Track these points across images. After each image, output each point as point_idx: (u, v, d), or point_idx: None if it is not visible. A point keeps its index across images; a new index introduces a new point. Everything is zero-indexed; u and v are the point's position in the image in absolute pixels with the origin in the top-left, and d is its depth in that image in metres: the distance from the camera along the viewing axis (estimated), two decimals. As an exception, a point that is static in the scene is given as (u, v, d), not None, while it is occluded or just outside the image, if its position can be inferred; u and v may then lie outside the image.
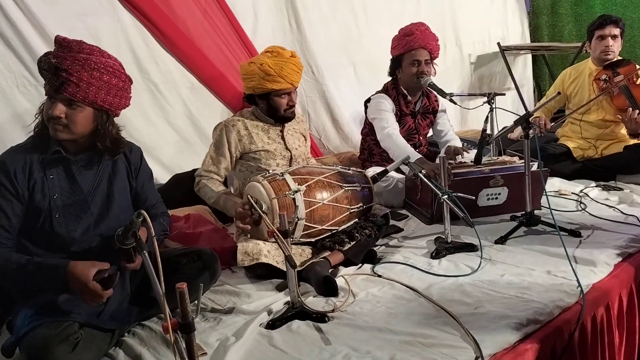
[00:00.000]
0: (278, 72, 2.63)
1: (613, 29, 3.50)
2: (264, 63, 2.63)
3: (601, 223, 2.73)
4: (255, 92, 2.71)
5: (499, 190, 2.86)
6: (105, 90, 1.84)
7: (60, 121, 1.80)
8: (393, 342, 1.80)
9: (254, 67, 2.66)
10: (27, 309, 1.80)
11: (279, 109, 2.72)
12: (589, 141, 3.65)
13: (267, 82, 2.64)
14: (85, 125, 1.85)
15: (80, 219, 1.89)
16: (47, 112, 1.81)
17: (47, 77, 1.79)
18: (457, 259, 2.44)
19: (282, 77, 2.64)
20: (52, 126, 1.81)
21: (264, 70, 2.62)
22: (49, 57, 1.79)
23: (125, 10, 3.08)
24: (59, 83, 1.77)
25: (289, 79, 2.67)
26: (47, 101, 1.83)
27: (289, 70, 2.66)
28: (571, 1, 5.57)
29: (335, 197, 2.45)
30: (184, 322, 1.35)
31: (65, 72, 1.77)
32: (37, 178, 1.83)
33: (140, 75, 3.17)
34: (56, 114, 1.78)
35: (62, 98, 1.79)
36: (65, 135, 1.83)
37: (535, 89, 5.86)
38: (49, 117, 1.80)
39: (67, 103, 1.80)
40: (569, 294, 2.02)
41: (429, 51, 3.31)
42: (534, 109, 2.89)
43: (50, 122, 1.81)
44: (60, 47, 1.82)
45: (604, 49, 3.52)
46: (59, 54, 1.79)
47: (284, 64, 2.65)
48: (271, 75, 2.62)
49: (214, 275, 2.18)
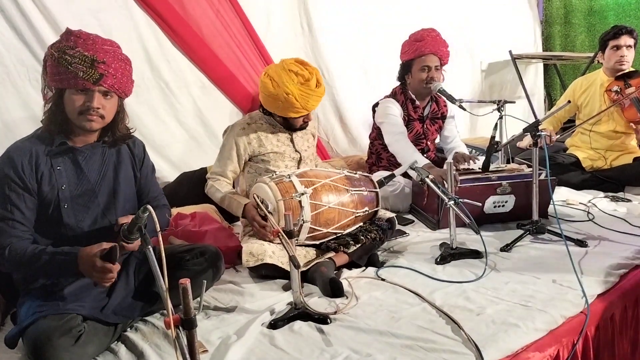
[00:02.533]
0: (304, 105, 2.59)
1: (628, 39, 3.48)
2: (291, 93, 2.54)
3: (608, 234, 2.71)
4: (274, 112, 2.70)
5: (506, 198, 2.85)
6: (129, 80, 1.95)
7: (98, 112, 1.85)
8: (394, 346, 1.80)
9: (280, 92, 2.55)
10: (31, 301, 1.81)
11: (295, 124, 2.72)
12: (599, 152, 3.63)
13: (290, 112, 2.62)
14: (113, 113, 1.94)
15: (88, 209, 1.91)
16: (81, 104, 1.84)
17: (78, 70, 1.80)
18: (462, 265, 2.43)
19: (305, 109, 2.62)
20: (87, 117, 1.85)
21: (289, 101, 2.56)
22: (77, 50, 1.81)
23: (139, 8, 3.11)
24: (98, 75, 1.82)
25: (311, 108, 2.65)
26: (75, 93, 1.84)
27: (313, 102, 2.62)
28: (584, 11, 5.56)
29: (341, 201, 2.45)
30: (186, 318, 1.35)
31: (104, 64, 1.82)
32: (44, 170, 1.85)
33: (152, 73, 3.20)
34: (97, 105, 1.84)
35: (101, 90, 1.85)
36: (99, 125, 1.90)
37: (546, 98, 5.84)
38: (87, 108, 1.84)
39: (103, 94, 1.86)
40: (574, 304, 2.01)
41: (439, 57, 3.31)
42: (544, 118, 2.88)
43: (85, 114, 1.84)
44: (83, 40, 1.84)
45: (619, 59, 3.50)
46: (88, 46, 1.82)
47: (310, 97, 2.60)
48: (295, 107, 2.59)
49: (218, 273, 2.19)
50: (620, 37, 3.50)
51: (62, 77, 1.82)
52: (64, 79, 1.82)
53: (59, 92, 1.86)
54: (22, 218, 1.81)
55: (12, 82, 2.73)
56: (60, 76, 1.82)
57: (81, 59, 1.80)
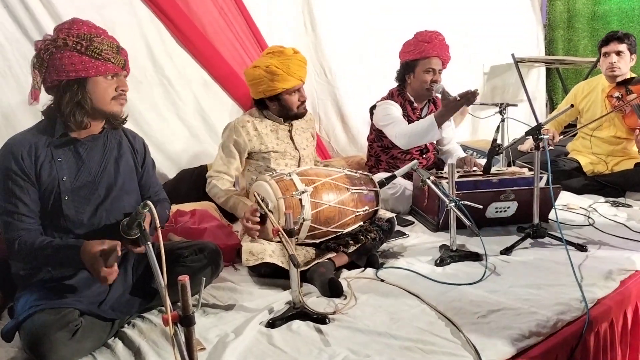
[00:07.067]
0: (285, 70, 2.61)
1: (617, 45, 3.48)
2: (269, 64, 2.61)
3: (608, 239, 2.70)
4: (265, 95, 2.69)
5: (509, 204, 2.83)
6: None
7: (126, 94, 1.93)
8: (393, 347, 1.79)
9: (259, 70, 2.63)
10: (29, 295, 1.81)
11: (291, 107, 2.71)
12: (600, 157, 3.62)
13: (277, 82, 2.63)
14: None
15: (89, 201, 1.91)
16: (114, 89, 1.89)
17: (110, 56, 1.85)
18: (462, 267, 2.42)
19: (290, 75, 2.63)
20: (120, 102, 1.92)
21: (270, 71, 2.60)
22: (102, 37, 1.85)
23: (142, 4, 3.11)
24: (123, 61, 1.89)
25: (297, 75, 2.66)
26: (105, 80, 1.86)
27: (295, 67, 2.65)
28: (588, 16, 5.56)
29: (341, 200, 2.44)
30: (185, 315, 1.34)
31: (123, 51, 1.90)
32: (45, 161, 1.84)
33: (154, 70, 3.20)
34: (127, 87, 1.93)
35: (125, 75, 1.93)
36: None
37: (547, 102, 5.84)
38: (120, 93, 1.90)
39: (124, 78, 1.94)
40: (573, 308, 2.00)
41: (442, 61, 3.31)
42: (545, 121, 2.88)
43: (117, 99, 1.90)
44: (96, 29, 1.87)
45: (609, 65, 3.51)
46: (105, 33, 1.88)
47: (290, 62, 2.64)
48: (279, 75, 2.61)
49: (217, 270, 2.19)
50: (610, 43, 3.51)
51: (88, 65, 1.82)
52: (90, 67, 1.82)
53: (79, 82, 1.83)
54: (27, 210, 1.81)
55: (14, 76, 2.72)
56: (84, 64, 1.81)
57: (109, 46, 1.85)
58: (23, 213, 1.80)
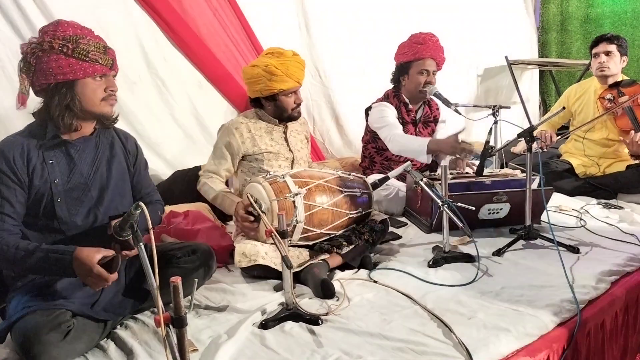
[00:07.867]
0: (284, 71, 2.63)
1: (607, 45, 3.53)
2: (269, 64, 2.62)
3: (600, 240, 2.72)
4: (262, 95, 2.70)
5: (502, 205, 2.84)
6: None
7: (115, 94, 1.92)
8: (385, 348, 1.79)
9: (258, 69, 2.65)
10: (20, 296, 1.80)
11: (287, 108, 2.72)
12: (592, 159, 3.64)
13: (275, 83, 2.64)
14: None
15: (82, 202, 1.90)
16: (103, 89, 1.88)
17: (97, 57, 1.83)
18: (454, 268, 2.43)
19: (288, 76, 2.64)
20: (109, 103, 1.91)
21: (269, 71, 2.62)
22: (88, 38, 1.83)
23: (137, 5, 3.11)
24: (111, 60, 1.88)
25: (295, 77, 2.68)
26: (93, 81, 1.85)
27: (294, 69, 2.66)
28: (581, 19, 5.60)
29: (335, 202, 2.45)
30: (177, 316, 1.34)
31: (110, 50, 1.89)
32: (37, 164, 1.83)
33: (148, 71, 3.20)
34: (116, 87, 1.91)
35: (114, 74, 1.92)
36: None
37: (540, 104, 5.87)
38: (109, 94, 1.89)
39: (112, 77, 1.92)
40: (565, 309, 2.01)
41: (437, 63, 3.32)
42: (538, 123, 2.89)
43: (107, 100, 1.90)
44: (82, 30, 1.86)
45: (598, 65, 3.55)
46: (90, 33, 1.86)
47: (289, 63, 2.66)
48: (278, 76, 2.62)
49: (209, 271, 2.18)
50: (599, 44, 3.57)
51: (76, 67, 1.80)
52: (78, 69, 1.81)
53: (67, 85, 1.82)
54: (12, 212, 1.79)
55: (7, 77, 2.71)
56: (71, 67, 1.80)
57: (96, 46, 1.83)
58: (7, 214, 1.78)
